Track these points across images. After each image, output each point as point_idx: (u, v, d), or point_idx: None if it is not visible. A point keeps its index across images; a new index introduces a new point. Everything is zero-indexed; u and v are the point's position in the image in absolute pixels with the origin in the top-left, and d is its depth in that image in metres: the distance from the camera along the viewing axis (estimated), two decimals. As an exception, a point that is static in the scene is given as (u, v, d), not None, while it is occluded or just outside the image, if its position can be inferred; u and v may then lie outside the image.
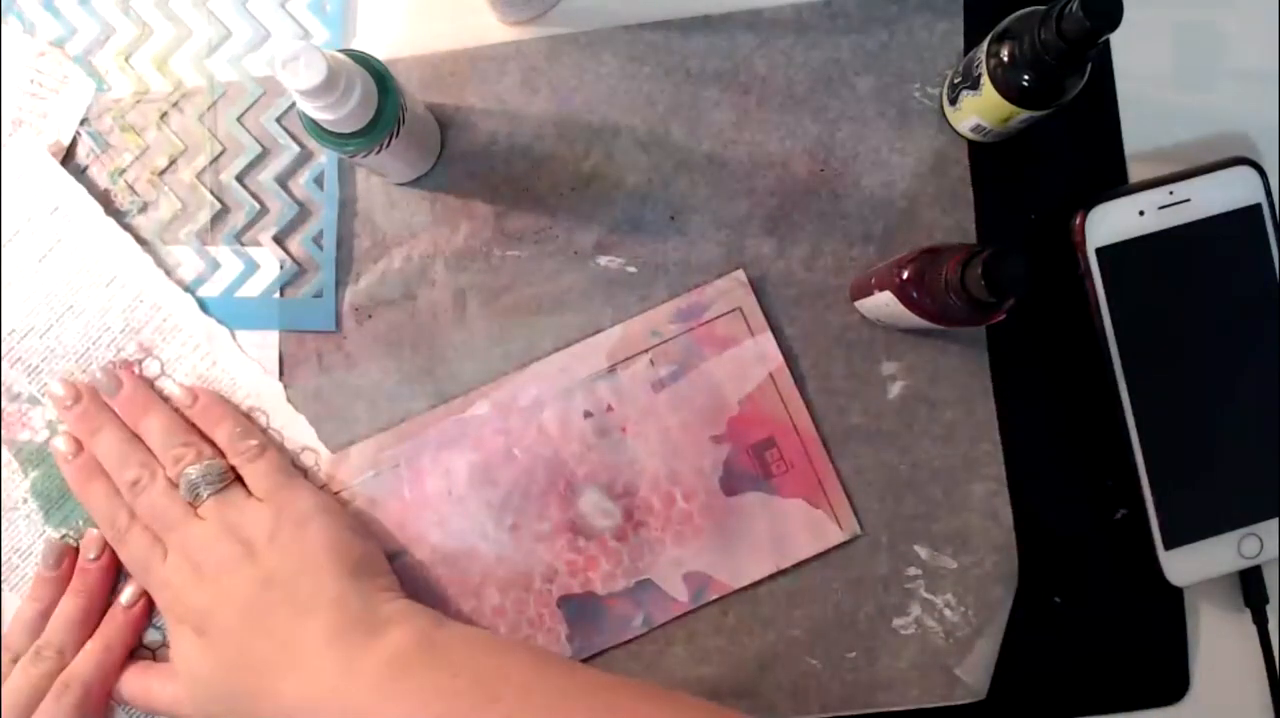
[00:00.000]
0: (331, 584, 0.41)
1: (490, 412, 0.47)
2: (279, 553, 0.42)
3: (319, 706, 0.39)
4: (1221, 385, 0.47)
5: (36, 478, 0.47)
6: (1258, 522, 0.47)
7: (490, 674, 0.39)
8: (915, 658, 0.47)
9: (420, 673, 0.39)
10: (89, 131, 0.48)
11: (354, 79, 0.37)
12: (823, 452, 0.47)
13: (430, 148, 0.47)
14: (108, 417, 0.46)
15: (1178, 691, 0.48)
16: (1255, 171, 0.46)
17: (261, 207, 0.48)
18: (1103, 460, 0.48)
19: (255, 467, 0.45)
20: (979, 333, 0.48)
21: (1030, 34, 0.39)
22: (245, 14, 0.48)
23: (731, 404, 0.47)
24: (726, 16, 0.48)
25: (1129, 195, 0.46)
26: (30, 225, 0.47)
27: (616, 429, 0.47)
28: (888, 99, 0.48)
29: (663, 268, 0.48)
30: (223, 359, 0.47)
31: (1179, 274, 0.46)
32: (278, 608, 0.41)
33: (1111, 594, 0.48)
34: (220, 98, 0.48)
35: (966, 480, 0.48)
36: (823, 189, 0.48)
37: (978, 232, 0.48)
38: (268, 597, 0.41)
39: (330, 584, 0.41)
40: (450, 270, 0.48)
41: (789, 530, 0.47)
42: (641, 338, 0.47)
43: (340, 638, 0.40)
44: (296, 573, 0.42)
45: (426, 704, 0.38)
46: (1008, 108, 0.42)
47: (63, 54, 0.48)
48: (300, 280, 0.48)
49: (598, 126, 0.48)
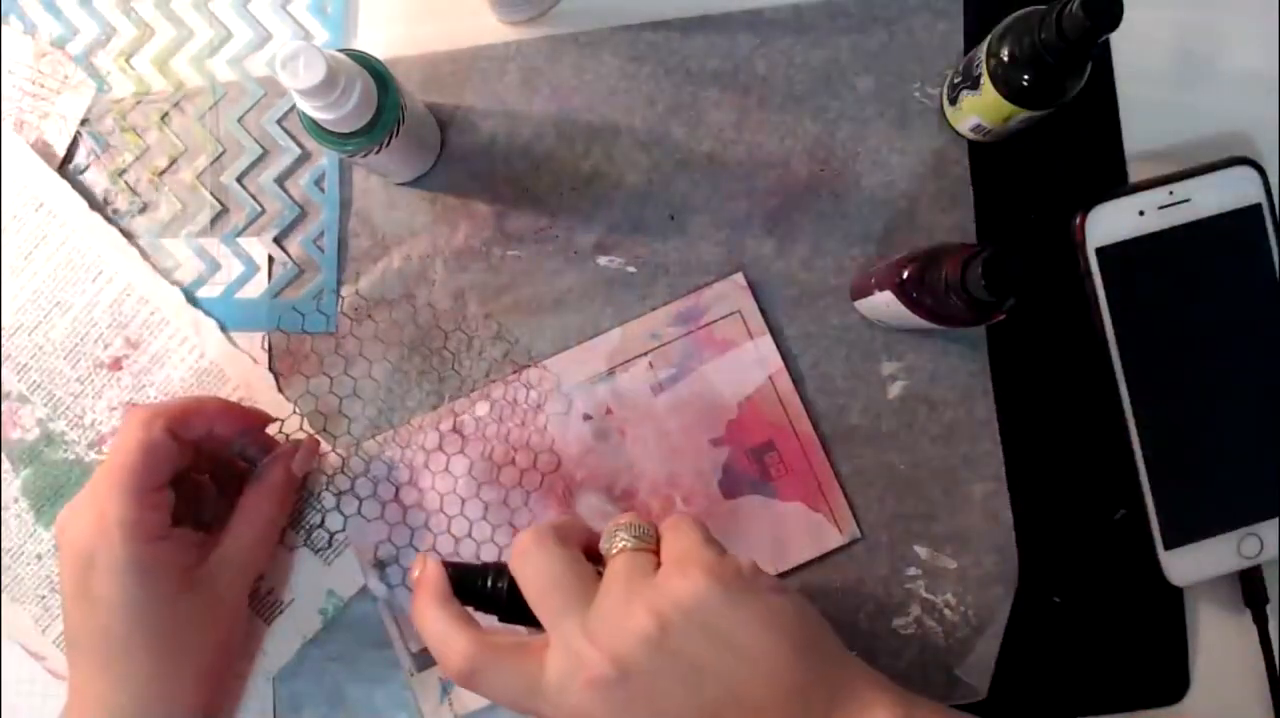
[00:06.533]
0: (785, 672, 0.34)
1: (490, 413, 0.47)
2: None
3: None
4: (1221, 385, 0.47)
5: (28, 477, 0.47)
6: (1258, 522, 0.47)
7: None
8: (915, 658, 0.47)
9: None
10: (89, 132, 0.48)
11: (354, 79, 0.37)
12: (822, 455, 0.47)
13: (430, 148, 0.47)
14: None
15: (1178, 691, 0.48)
16: (1255, 171, 0.46)
17: (261, 207, 0.48)
18: (1103, 460, 0.48)
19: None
20: (979, 333, 0.48)
21: (1030, 34, 0.39)
22: (246, 15, 0.48)
23: (730, 407, 0.47)
24: (726, 16, 0.48)
25: (1129, 195, 0.46)
26: (16, 222, 0.47)
27: (615, 432, 0.47)
28: (888, 99, 0.48)
29: (663, 268, 0.48)
30: (211, 351, 0.47)
31: (1179, 274, 0.46)
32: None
33: (1111, 594, 0.48)
34: (221, 99, 0.48)
35: (966, 480, 0.48)
36: (823, 189, 0.48)
37: (978, 232, 0.48)
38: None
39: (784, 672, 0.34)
40: (450, 270, 0.48)
41: (788, 534, 0.47)
42: (641, 341, 0.47)
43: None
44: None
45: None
46: (1008, 108, 0.42)
47: (63, 54, 0.48)
48: (300, 281, 0.48)
49: (598, 126, 0.48)
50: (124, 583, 0.39)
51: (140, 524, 0.40)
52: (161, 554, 0.41)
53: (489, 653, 0.35)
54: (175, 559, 0.41)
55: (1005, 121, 0.44)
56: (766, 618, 0.34)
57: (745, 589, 0.34)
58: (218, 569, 0.43)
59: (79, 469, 0.48)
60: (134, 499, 0.40)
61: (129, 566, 0.39)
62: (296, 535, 0.47)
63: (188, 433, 0.42)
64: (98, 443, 0.48)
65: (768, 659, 0.34)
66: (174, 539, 0.41)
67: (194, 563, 0.42)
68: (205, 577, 0.42)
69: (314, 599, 0.47)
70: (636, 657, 0.33)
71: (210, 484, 0.46)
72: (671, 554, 0.36)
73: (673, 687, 0.33)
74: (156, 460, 0.41)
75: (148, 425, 0.41)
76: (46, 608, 0.48)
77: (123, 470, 0.40)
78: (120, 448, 0.40)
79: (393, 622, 0.47)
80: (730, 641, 0.34)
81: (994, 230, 0.48)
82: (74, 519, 0.40)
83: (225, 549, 0.43)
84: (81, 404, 0.48)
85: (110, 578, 0.39)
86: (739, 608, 0.34)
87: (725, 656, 0.33)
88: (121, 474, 0.40)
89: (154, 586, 0.40)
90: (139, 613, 0.40)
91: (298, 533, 0.47)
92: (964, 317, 0.39)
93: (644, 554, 0.36)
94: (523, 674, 0.35)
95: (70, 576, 0.40)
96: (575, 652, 0.34)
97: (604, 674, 0.33)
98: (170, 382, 0.48)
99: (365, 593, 0.47)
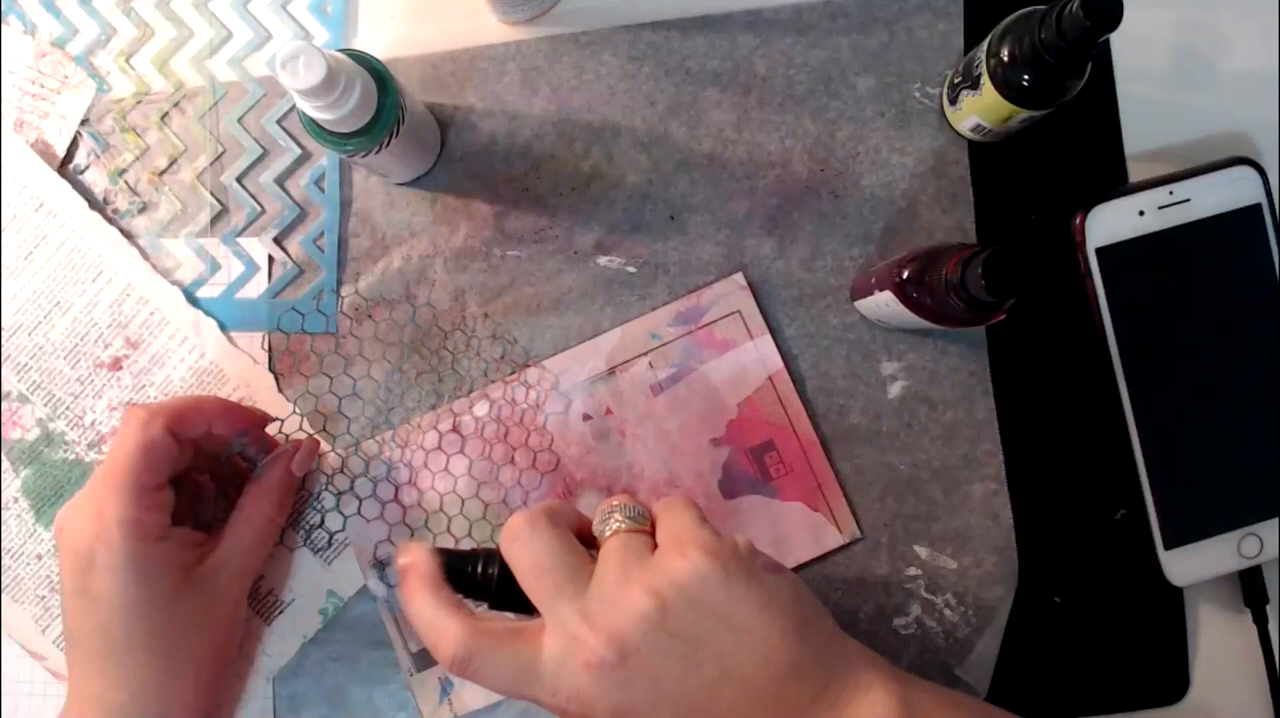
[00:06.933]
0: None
1: (489, 413, 0.47)
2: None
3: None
4: (1221, 385, 0.47)
5: (28, 477, 0.47)
6: (1258, 522, 0.47)
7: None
8: (915, 658, 0.47)
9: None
10: (90, 132, 0.48)
11: (354, 79, 0.37)
12: (822, 455, 0.47)
13: (430, 148, 0.47)
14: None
15: (1178, 691, 0.48)
16: (1255, 171, 0.46)
17: (261, 207, 0.48)
18: (1103, 460, 0.48)
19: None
20: (979, 333, 0.48)
21: (1030, 34, 0.39)
22: (246, 15, 0.48)
23: (730, 407, 0.47)
24: (726, 16, 0.48)
25: (1129, 195, 0.46)
26: (16, 222, 0.47)
27: (615, 432, 0.47)
28: (888, 99, 0.48)
29: (663, 268, 0.48)
30: (211, 351, 0.47)
31: (1179, 274, 0.46)
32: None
33: (1111, 594, 0.48)
34: (221, 99, 0.48)
35: (966, 480, 0.48)
36: (823, 189, 0.48)
37: (978, 232, 0.48)
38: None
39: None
40: (450, 270, 0.48)
41: (788, 534, 0.47)
42: (641, 341, 0.47)
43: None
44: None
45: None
46: (1008, 107, 0.42)
47: (64, 54, 0.48)
48: (300, 281, 0.48)
49: (598, 126, 0.48)
50: (123, 582, 0.39)
51: (139, 524, 0.40)
52: (160, 554, 0.41)
53: (483, 639, 0.35)
54: (174, 559, 0.41)
55: (1005, 121, 0.44)
56: (764, 598, 0.34)
57: (743, 569, 0.34)
58: (217, 569, 0.43)
59: (79, 469, 0.48)
60: (133, 499, 0.40)
61: (128, 564, 0.39)
62: (297, 536, 0.47)
63: (187, 433, 0.42)
64: (98, 443, 0.48)
65: (766, 639, 0.34)
66: (173, 539, 0.41)
67: (193, 563, 0.42)
68: (204, 577, 0.42)
69: (314, 599, 0.47)
70: (635, 637, 0.33)
71: (210, 484, 0.46)
72: (668, 535, 0.36)
73: (672, 666, 0.33)
74: (155, 460, 0.40)
75: (147, 425, 0.40)
76: (46, 608, 0.48)
77: (122, 470, 0.40)
78: (119, 448, 0.40)
79: (393, 622, 0.47)
80: (729, 620, 0.33)
81: (994, 230, 0.48)
82: (73, 518, 0.40)
83: (224, 550, 0.43)
84: (81, 404, 0.48)
85: (109, 577, 0.39)
86: (737, 588, 0.34)
87: (724, 635, 0.33)
88: (121, 474, 0.40)
89: (153, 585, 0.40)
90: (138, 612, 0.40)
91: (298, 533, 0.48)
92: (964, 317, 0.39)
93: (639, 536, 0.36)
94: (518, 659, 0.34)
95: (69, 574, 0.40)
96: (572, 634, 0.34)
97: (603, 655, 0.33)
98: (170, 382, 0.48)
99: (365, 593, 0.47)
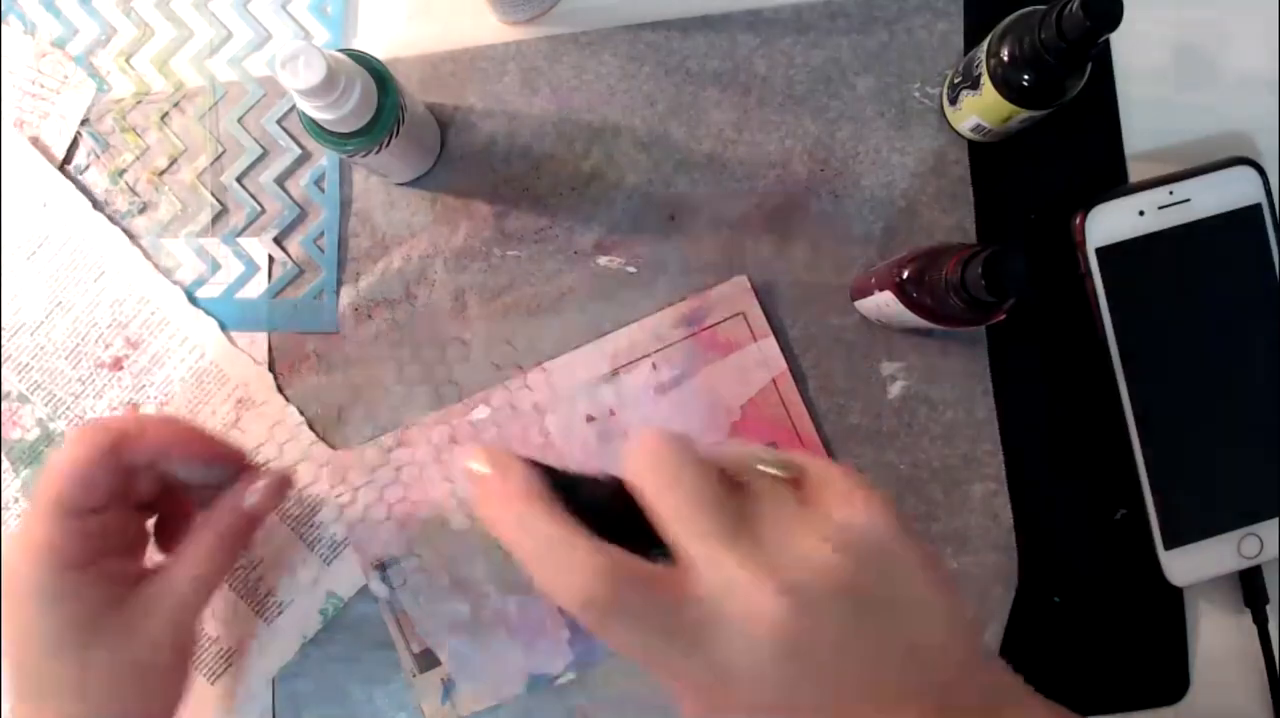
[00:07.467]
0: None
1: (491, 415, 0.47)
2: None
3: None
4: (1221, 385, 0.47)
5: (28, 477, 0.47)
6: (1258, 522, 0.47)
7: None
8: (915, 658, 0.47)
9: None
10: (90, 132, 0.48)
11: (354, 79, 0.37)
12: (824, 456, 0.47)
13: (430, 148, 0.47)
14: None
15: (1178, 691, 0.48)
16: (1255, 171, 0.46)
17: (261, 207, 0.48)
18: (1103, 460, 0.48)
19: None
20: (979, 333, 0.48)
21: (1030, 34, 0.39)
22: (246, 15, 0.48)
23: (734, 409, 0.47)
24: (726, 16, 0.48)
25: (1129, 195, 0.46)
26: (18, 222, 0.47)
27: (619, 434, 0.47)
28: (888, 99, 0.48)
29: (663, 268, 0.48)
30: (211, 351, 0.47)
31: (1179, 274, 0.46)
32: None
33: (1111, 594, 0.48)
34: (221, 99, 0.48)
35: (966, 480, 0.48)
36: (823, 189, 0.48)
37: (978, 232, 0.48)
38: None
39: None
40: (450, 270, 0.48)
41: (789, 531, 0.47)
42: (644, 342, 0.47)
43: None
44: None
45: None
46: (1008, 107, 0.42)
47: (64, 54, 0.48)
48: (300, 281, 0.48)
49: (598, 126, 0.48)
50: (31, 613, 0.35)
51: (54, 548, 0.35)
52: (74, 584, 0.36)
53: (628, 572, 0.27)
54: (95, 593, 0.36)
55: (1005, 122, 0.44)
56: (938, 567, 0.29)
57: (914, 530, 0.29)
58: (146, 609, 0.37)
59: (79, 469, 0.48)
60: (54, 521, 0.36)
61: (35, 593, 0.35)
62: (297, 536, 0.47)
63: (136, 456, 0.37)
64: (98, 443, 0.48)
65: (953, 608, 0.29)
66: (97, 570, 0.36)
67: (117, 599, 0.37)
68: (130, 617, 0.37)
69: (314, 600, 0.47)
70: (816, 591, 0.27)
71: (183, 514, 0.42)
72: (827, 484, 0.30)
73: (857, 628, 0.27)
74: (89, 481, 0.36)
75: (89, 442, 0.36)
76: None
77: (48, 489, 0.36)
78: (51, 464, 0.36)
79: (394, 622, 0.47)
80: (914, 581, 0.28)
81: (994, 230, 0.48)
82: (12, 537, 0.36)
83: (156, 587, 0.38)
84: (82, 404, 0.48)
85: (14, 605, 0.35)
86: (914, 548, 0.29)
87: (915, 596, 0.28)
88: (47, 493, 0.36)
89: (60, 618, 0.36)
90: (50, 648, 0.36)
91: (298, 534, 0.47)
92: (964, 317, 0.39)
93: (789, 486, 0.30)
94: (660, 607, 0.27)
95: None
96: (734, 582, 0.27)
97: (774, 609, 0.26)
98: (170, 382, 0.48)
99: (366, 593, 0.47)
